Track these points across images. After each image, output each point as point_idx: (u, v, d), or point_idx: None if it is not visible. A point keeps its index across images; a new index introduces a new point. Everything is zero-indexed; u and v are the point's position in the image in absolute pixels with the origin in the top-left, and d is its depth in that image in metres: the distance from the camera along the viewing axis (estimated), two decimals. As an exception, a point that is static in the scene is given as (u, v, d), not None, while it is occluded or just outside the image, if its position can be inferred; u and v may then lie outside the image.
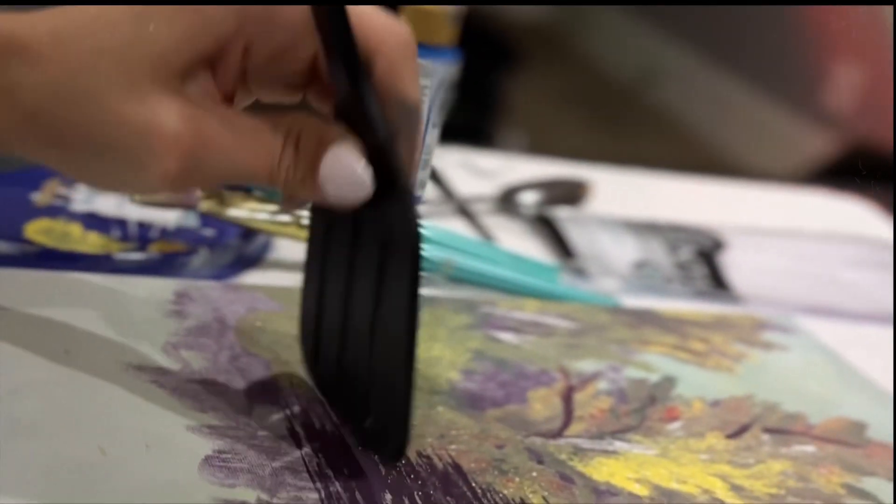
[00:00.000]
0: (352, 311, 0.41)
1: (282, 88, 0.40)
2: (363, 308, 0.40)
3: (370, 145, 0.37)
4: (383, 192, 0.37)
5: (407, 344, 0.38)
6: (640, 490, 0.44)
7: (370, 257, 0.39)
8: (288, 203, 0.41)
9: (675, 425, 0.49)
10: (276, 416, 0.43)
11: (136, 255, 0.53)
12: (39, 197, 0.57)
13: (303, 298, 0.45)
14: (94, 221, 0.57)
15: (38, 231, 0.54)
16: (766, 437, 0.50)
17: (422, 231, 0.37)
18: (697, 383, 0.53)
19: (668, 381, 0.53)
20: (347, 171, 0.37)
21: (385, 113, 0.37)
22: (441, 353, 0.51)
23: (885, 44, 2.21)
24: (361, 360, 0.41)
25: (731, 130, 2.82)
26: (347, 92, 0.37)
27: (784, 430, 0.51)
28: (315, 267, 0.44)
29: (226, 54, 0.37)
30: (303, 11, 0.37)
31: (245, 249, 0.57)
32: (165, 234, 0.57)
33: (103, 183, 0.39)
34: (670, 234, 0.71)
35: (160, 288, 0.50)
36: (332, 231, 0.42)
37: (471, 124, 1.83)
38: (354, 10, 0.37)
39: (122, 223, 0.57)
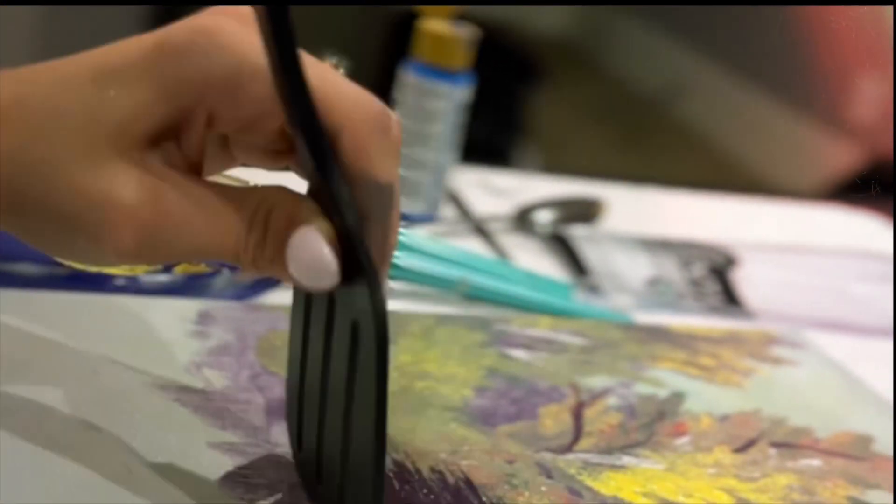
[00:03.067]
0: (328, 393, 0.38)
1: (261, 156, 0.38)
2: (337, 391, 0.37)
3: (339, 228, 0.35)
4: (352, 275, 0.35)
5: (375, 441, 0.35)
6: (647, 503, 0.45)
7: (343, 336, 0.36)
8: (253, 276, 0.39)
9: (683, 440, 0.50)
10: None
11: (162, 277, 0.55)
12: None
13: (287, 373, 0.43)
14: (120, 244, 0.58)
15: (67, 254, 0.56)
16: (772, 451, 0.51)
17: (387, 319, 0.34)
18: (706, 398, 0.54)
19: (677, 397, 0.54)
20: (313, 256, 0.34)
21: (355, 194, 0.35)
22: (455, 370, 0.52)
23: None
24: (336, 449, 0.37)
25: (755, 145, 2.82)
26: (313, 172, 0.35)
27: (791, 444, 0.52)
28: (297, 338, 0.41)
29: (189, 124, 0.36)
30: (267, 84, 0.34)
31: (266, 270, 0.59)
32: (189, 255, 0.59)
33: (60, 253, 0.37)
34: (683, 250, 0.73)
35: (184, 309, 0.52)
36: (311, 303, 0.40)
37: (493, 142, 1.85)
38: (320, 84, 0.34)
39: (147, 246, 0.59)
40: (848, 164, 2.42)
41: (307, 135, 0.34)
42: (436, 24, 0.68)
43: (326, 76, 0.35)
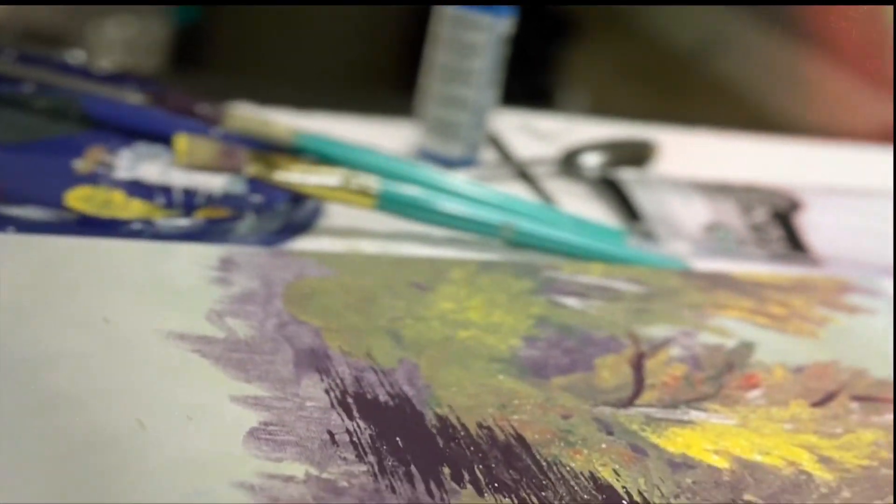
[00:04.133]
0: None
1: None
2: None
3: None
4: None
5: None
6: (720, 462, 0.41)
7: None
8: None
9: (755, 393, 0.46)
10: (326, 386, 0.40)
11: (180, 222, 0.51)
12: (81, 164, 0.55)
13: None
14: (137, 188, 0.54)
15: (79, 199, 0.52)
16: (854, 405, 0.46)
17: None
18: (778, 349, 0.49)
19: (746, 347, 0.49)
20: None
21: None
22: (502, 319, 0.47)
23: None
24: None
25: (794, 97, 2.74)
26: None
27: (874, 397, 0.47)
28: None
29: None
30: None
31: (294, 215, 0.54)
32: (211, 200, 0.55)
33: None
34: (743, 194, 0.67)
35: (204, 254, 0.47)
36: None
37: (531, 91, 1.79)
38: None
39: (166, 190, 0.55)
40: (887, 116, 2.34)
41: None
42: (474, -49, 0.63)
43: None
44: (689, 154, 0.75)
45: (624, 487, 0.38)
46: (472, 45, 0.64)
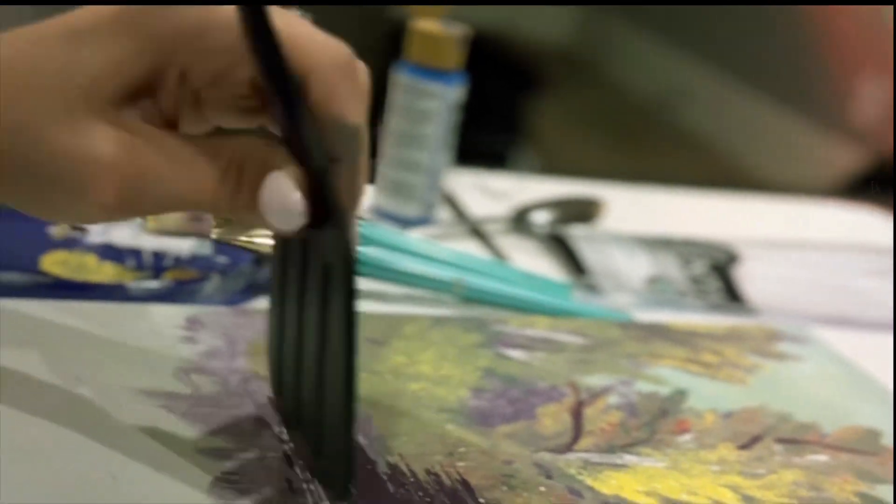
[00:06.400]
0: (304, 339, 0.40)
1: (234, 114, 0.38)
2: (312, 335, 0.39)
3: (308, 172, 0.36)
4: (323, 218, 0.36)
5: (345, 378, 0.37)
6: (649, 502, 0.44)
7: (316, 281, 0.38)
8: (230, 226, 0.40)
9: (685, 437, 0.49)
10: (286, 437, 0.43)
11: (150, 284, 0.54)
12: (56, 230, 0.58)
13: (269, 322, 0.44)
14: (109, 252, 0.58)
15: (53, 263, 0.55)
16: (778, 447, 0.50)
17: (356, 260, 0.36)
18: (709, 395, 0.53)
19: (680, 394, 0.53)
20: (282, 199, 0.36)
21: (323, 138, 0.36)
22: (451, 371, 0.51)
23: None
24: (312, 392, 0.40)
25: (759, 149, 2.81)
26: (282, 117, 0.36)
27: (797, 440, 0.50)
28: (276, 289, 0.43)
29: (162, 80, 0.36)
30: (235, 34, 0.34)
31: (257, 275, 0.57)
32: (179, 262, 0.58)
33: (42, 212, 0.38)
34: (683, 248, 0.71)
35: (172, 315, 0.51)
36: (288, 253, 0.41)
37: (492, 149, 1.84)
38: (287, 31, 0.35)
39: (137, 253, 0.58)
40: (850, 164, 2.41)
41: (275, 78, 0.34)
42: (427, 24, 0.68)
43: (294, 23, 0.36)
44: (636, 210, 0.79)
45: (560, 527, 0.42)
46: (425, 111, 0.68)
